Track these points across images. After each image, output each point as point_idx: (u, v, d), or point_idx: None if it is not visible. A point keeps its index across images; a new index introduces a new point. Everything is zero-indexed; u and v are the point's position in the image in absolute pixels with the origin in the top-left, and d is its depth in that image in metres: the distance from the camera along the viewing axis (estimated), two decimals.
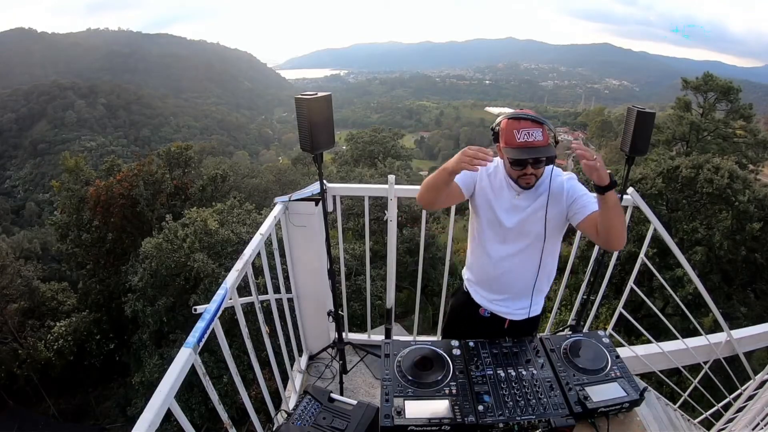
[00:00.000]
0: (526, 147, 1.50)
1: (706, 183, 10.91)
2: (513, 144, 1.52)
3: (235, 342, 2.63)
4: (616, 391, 1.64)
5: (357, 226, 14.56)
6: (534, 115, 1.52)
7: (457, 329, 1.95)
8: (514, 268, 1.74)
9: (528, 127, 1.49)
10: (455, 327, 2.00)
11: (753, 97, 34.01)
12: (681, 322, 6.32)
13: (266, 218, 2.03)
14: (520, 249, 1.71)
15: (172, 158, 14.85)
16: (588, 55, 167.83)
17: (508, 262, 1.73)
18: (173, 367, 1.15)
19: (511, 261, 1.73)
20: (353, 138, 24.42)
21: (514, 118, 1.53)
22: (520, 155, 1.52)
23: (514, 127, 1.50)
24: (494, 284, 1.80)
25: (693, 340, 2.68)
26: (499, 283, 1.79)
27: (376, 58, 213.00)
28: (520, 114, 1.53)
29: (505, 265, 1.74)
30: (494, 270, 1.76)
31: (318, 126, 1.85)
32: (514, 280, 1.76)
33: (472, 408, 1.53)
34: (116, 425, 13.09)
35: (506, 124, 1.54)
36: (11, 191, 48.73)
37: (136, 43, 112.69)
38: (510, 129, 1.52)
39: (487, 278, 1.81)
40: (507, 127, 1.53)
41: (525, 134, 1.49)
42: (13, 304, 13.22)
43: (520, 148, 1.51)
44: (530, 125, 1.49)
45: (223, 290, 1.46)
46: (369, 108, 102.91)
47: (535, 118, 1.51)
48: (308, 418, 1.67)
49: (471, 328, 1.87)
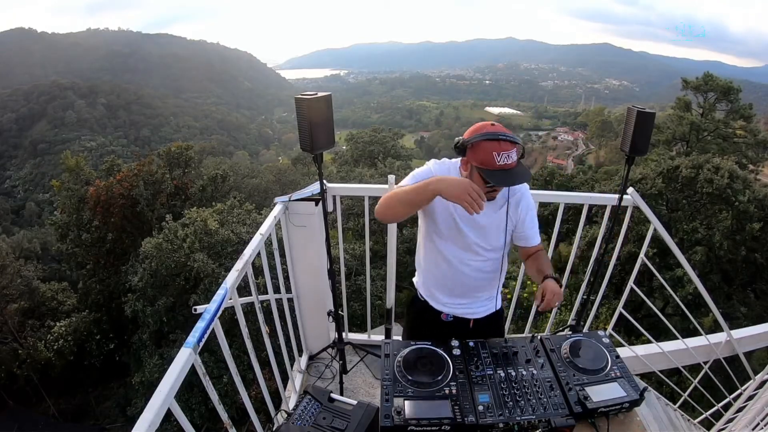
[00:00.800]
0: (505, 170, 1.45)
1: (706, 183, 10.92)
2: (492, 166, 1.45)
3: (235, 342, 2.63)
4: (616, 391, 1.64)
5: (357, 226, 14.56)
6: (511, 136, 1.46)
7: (420, 335, 1.88)
8: (476, 274, 1.74)
9: (507, 149, 1.44)
10: (418, 334, 1.93)
11: (753, 97, 34.02)
12: (681, 322, 6.33)
13: (266, 218, 2.03)
14: (483, 257, 1.72)
15: (172, 158, 14.85)
16: (588, 55, 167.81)
17: (469, 268, 1.73)
18: (173, 367, 1.14)
19: (472, 267, 1.73)
20: (353, 138, 24.43)
21: (493, 139, 1.45)
22: (501, 181, 1.47)
23: (495, 149, 1.43)
24: (456, 289, 1.79)
25: (693, 340, 2.68)
26: (462, 287, 1.78)
27: (376, 58, 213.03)
28: (500, 135, 1.45)
29: (466, 271, 1.73)
30: (455, 276, 1.75)
31: (318, 126, 1.85)
32: (475, 283, 1.77)
33: (472, 408, 1.53)
34: (116, 425, 13.09)
35: (485, 145, 1.45)
36: (11, 191, 48.75)
37: (136, 43, 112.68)
38: (489, 150, 1.44)
39: (448, 284, 1.79)
40: (485, 148, 1.45)
41: (504, 157, 1.44)
42: (13, 304, 13.23)
43: (500, 171, 1.45)
44: (508, 147, 1.44)
45: (223, 290, 1.46)
46: (369, 108, 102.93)
47: (512, 138, 1.46)
48: (308, 418, 1.67)
49: (435, 332, 1.83)
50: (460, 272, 1.73)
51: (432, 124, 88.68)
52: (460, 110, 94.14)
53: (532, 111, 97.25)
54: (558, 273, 1.93)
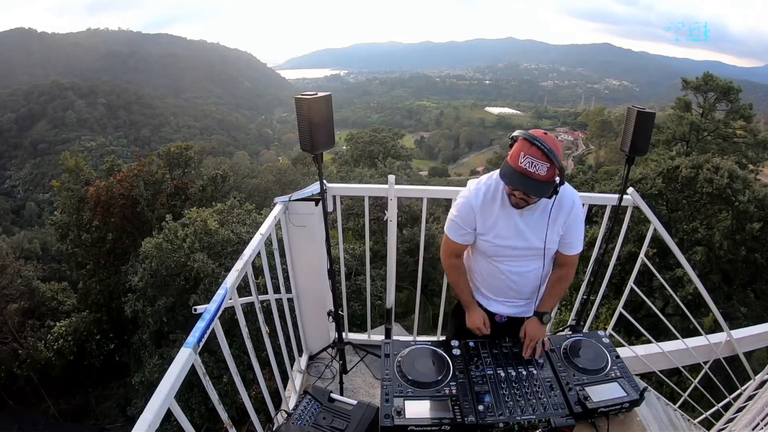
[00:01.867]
0: (522, 174, 1.46)
1: (706, 183, 10.91)
2: (514, 165, 1.47)
3: (235, 342, 2.63)
4: (616, 391, 1.65)
5: (357, 226, 14.56)
6: (548, 147, 1.42)
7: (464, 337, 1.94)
8: (523, 276, 1.79)
9: (535, 156, 1.43)
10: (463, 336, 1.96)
11: (753, 97, 34.03)
12: (681, 322, 6.33)
13: (266, 218, 2.03)
14: (528, 264, 1.76)
15: (172, 158, 14.84)
16: (588, 55, 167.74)
17: (517, 275, 1.78)
18: (173, 367, 1.14)
19: (520, 274, 1.77)
20: (353, 138, 24.43)
21: (528, 139, 1.45)
22: (513, 181, 1.49)
23: (523, 150, 1.45)
24: (504, 291, 1.84)
25: (693, 340, 2.68)
26: (510, 288, 1.83)
27: (376, 58, 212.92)
28: (536, 140, 1.44)
29: (514, 278, 1.78)
30: (506, 282, 1.80)
31: (318, 126, 1.85)
32: (524, 287, 1.81)
33: (472, 408, 1.53)
34: (116, 425, 13.08)
35: (520, 142, 1.48)
36: (11, 191, 48.75)
37: (136, 43, 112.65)
38: (519, 149, 1.46)
39: (501, 289, 1.84)
40: (518, 146, 1.47)
41: (528, 162, 1.43)
42: (13, 304, 13.23)
43: (517, 173, 1.47)
44: (538, 156, 1.42)
45: (223, 290, 1.46)
46: (369, 108, 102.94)
47: (547, 150, 1.42)
48: (308, 418, 1.67)
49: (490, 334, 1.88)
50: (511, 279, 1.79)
51: (432, 124, 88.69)
52: (460, 110, 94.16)
53: (532, 111, 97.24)
54: None
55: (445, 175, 58.90)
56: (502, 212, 1.67)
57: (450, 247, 1.81)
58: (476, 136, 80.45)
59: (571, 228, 1.71)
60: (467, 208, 1.69)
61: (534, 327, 1.78)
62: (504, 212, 1.67)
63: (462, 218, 1.71)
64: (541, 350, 1.78)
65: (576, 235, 1.74)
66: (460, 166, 69.85)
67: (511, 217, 1.67)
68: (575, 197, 1.71)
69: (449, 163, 71.40)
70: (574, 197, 1.70)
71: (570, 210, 1.68)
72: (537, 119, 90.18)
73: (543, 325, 1.79)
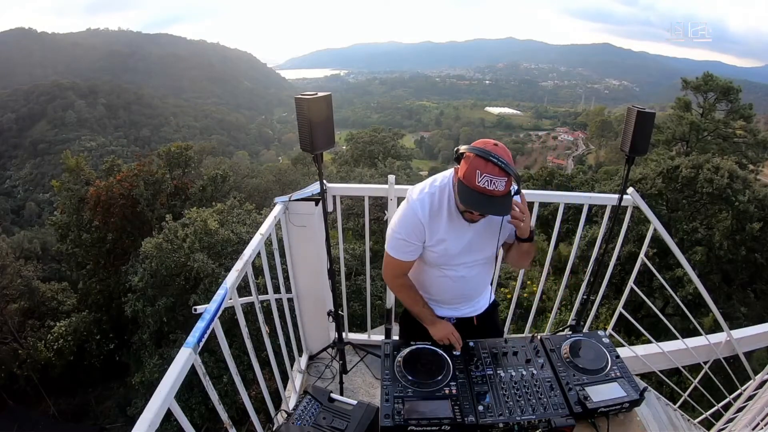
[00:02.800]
0: (482, 194, 1.36)
1: (706, 183, 10.92)
2: (471, 184, 1.37)
3: (235, 342, 2.63)
4: (616, 391, 1.64)
5: (357, 226, 14.55)
6: (504, 163, 1.34)
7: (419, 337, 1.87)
8: (473, 280, 1.77)
9: (493, 173, 1.34)
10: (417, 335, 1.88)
11: (753, 97, 33.94)
12: (681, 322, 6.33)
13: (266, 218, 2.03)
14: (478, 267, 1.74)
15: (172, 158, 14.84)
16: (588, 55, 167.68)
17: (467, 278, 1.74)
18: (173, 367, 1.15)
19: (470, 276, 1.74)
20: (353, 138, 24.43)
21: (482, 156, 1.35)
22: (473, 204, 1.40)
23: (479, 167, 1.35)
24: (456, 298, 1.82)
25: (693, 340, 2.69)
26: (462, 295, 1.81)
27: (376, 58, 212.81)
28: (492, 156, 1.34)
29: (463, 282, 1.75)
30: (455, 287, 1.76)
31: (318, 126, 1.85)
32: (474, 288, 1.80)
33: (472, 408, 1.53)
34: (116, 425, 13.07)
35: (474, 160, 1.37)
36: (11, 191, 48.74)
37: (136, 43, 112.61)
38: (474, 167, 1.36)
39: (449, 296, 1.81)
40: (472, 163, 1.37)
41: (487, 180, 1.34)
42: (13, 304, 13.23)
43: (476, 193, 1.37)
44: (497, 172, 1.34)
45: (223, 290, 1.46)
46: (369, 108, 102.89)
47: (504, 166, 1.34)
48: (308, 418, 1.67)
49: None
50: (459, 283, 1.75)
51: (432, 124, 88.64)
52: (460, 110, 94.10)
53: (532, 111, 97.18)
54: (558, 273, 1.94)
55: None
56: (450, 225, 1.59)
57: (397, 268, 1.69)
58: (476, 136, 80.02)
59: None
60: (414, 221, 1.57)
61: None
62: (452, 225, 1.59)
63: (409, 233, 1.59)
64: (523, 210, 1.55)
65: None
66: None
67: (460, 229, 1.59)
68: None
69: (449, 163, 71.22)
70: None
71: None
72: (537, 119, 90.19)
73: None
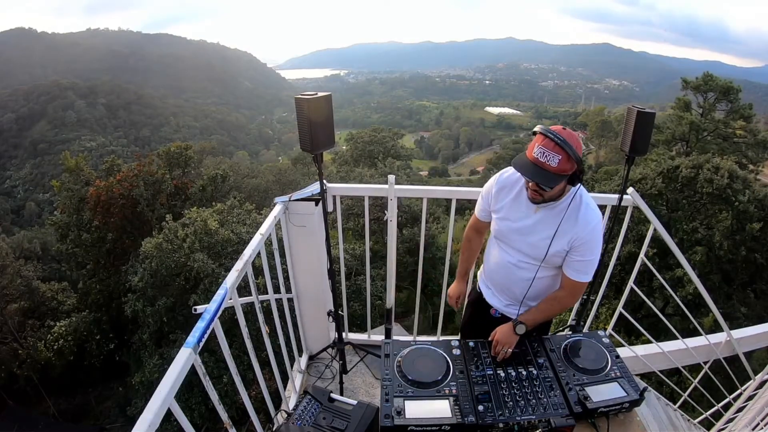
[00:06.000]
0: (533, 164, 1.49)
1: (706, 183, 10.91)
2: (528, 155, 1.52)
3: (235, 342, 2.63)
4: (616, 391, 1.64)
5: (357, 226, 14.56)
6: (561, 139, 1.44)
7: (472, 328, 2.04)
8: (514, 275, 1.78)
9: (548, 147, 1.46)
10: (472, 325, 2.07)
11: (753, 97, 33.97)
12: (681, 322, 6.32)
13: (266, 218, 2.03)
14: (522, 260, 1.75)
15: (172, 158, 14.83)
16: (588, 55, 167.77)
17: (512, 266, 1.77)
18: (173, 367, 1.15)
19: (512, 266, 1.77)
20: (353, 138, 24.43)
21: (544, 132, 1.49)
22: (522, 169, 1.52)
23: (537, 141, 1.49)
24: (502, 286, 1.86)
25: (693, 340, 2.69)
26: (505, 285, 1.84)
27: (376, 58, 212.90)
28: (550, 132, 1.47)
29: (508, 269, 1.79)
30: (501, 272, 1.82)
31: (318, 126, 1.85)
32: (514, 284, 1.80)
33: (472, 408, 1.53)
34: (116, 425, 13.06)
35: (537, 136, 1.52)
36: (11, 191, 48.72)
37: (136, 43, 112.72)
38: (535, 141, 1.51)
39: (497, 280, 1.87)
40: (535, 139, 1.52)
41: (540, 152, 1.47)
42: (13, 304, 13.22)
43: (529, 162, 1.50)
44: (551, 146, 1.46)
45: (223, 290, 1.46)
46: (369, 108, 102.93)
47: (560, 141, 1.44)
48: (308, 418, 1.67)
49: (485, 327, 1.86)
50: (504, 272, 1.81)
51: (432, 124, 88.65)
52: (460, 110, 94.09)
53: (532, 111, 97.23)
54: None
55: (445, 175, 58.88)
56: (513, 204, 1.73)
57: (473, 221, 1.99)
58: (476, 136, 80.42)
59: (581, 248, 1.62)
60: (489, 186, 1.83)
61: (504, 332, 1.71)
62: (515, 202, 1.73)
63: (484, 194, 1.86)
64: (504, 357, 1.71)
65: (585, 258, 1.64)
66: (460, 166, 69.82)
67: (521, 208, 1.71)
68: (596, 219, 1.63)
69: (449, 163, 71.34)
70: (595, 218, 1.62)
71: (585, 227, 1.60)
72: (537, 119, 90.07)
73: (515, 334, 1.71)
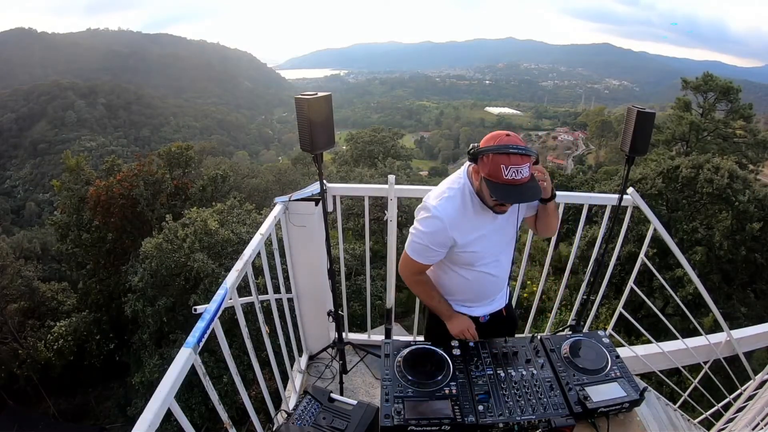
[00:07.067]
0: (512, 185, 1.41)
1: (706, 183, 10.92)
2: (499, 179, 1.41)
3: (235, 342, 2.62)
4: (616, 391, 1.64)
5: (357, 226, 14.56)
6: (523, 148, 1.40)
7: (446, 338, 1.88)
8: (503, 272, 1.80)
9: (517, 163, 1.39)
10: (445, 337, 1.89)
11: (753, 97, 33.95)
12: (681, 322, 6.33)
13: (266, 218, 2.03)
14: (504, 256, 1.77)
15: (172, 158, 14.83)
16: (588, 55, 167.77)
17: (497, 270, 1.78)
18: (173, 367, 1.15)
19: (499, 267, 1.78)
20: (353, 138, 24.45)
21: (503, 152, 1.40)
22: (507, 196, 1.45)
23: (503, 162, 1.39)
24: (490, 292, 1.85)
25: (693, 340, 2.69)
26: (495, 287, 1.84)
27: (376, 58, 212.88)
28: (510, 147, 1.39)
29: (495, 273, 1.78)
30: (489, 282, 1.79)
31: (318, 126, 1.85)
32: (503, 278, 1.83)
33: (472, 408, 1.53)
34: (116, 425, 13.07)
35: (494, 157, 1.41)
36: (11, 191, 48.71)
37: (136, 43, 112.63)
38: (498, 163, 1.40)
39: (483, 292, 1.84)
40: (494, 160, 1.41)
41: (513, 171, 1.39)
42: (13, 304, 13.22)
43: (507, 185, 1.41)
44: (519, 161, 1.39)
45: (223, 290, 1.46)
46: (369, 108, 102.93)
47: (524, 151, 1.40)
48: (308, 418, 1.67)
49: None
50: (484, 284, 1.79)
51: (432, 124, 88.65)
52: (460, 110, 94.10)
53: (532, 111, 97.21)
54: (558, 273, 1.95)
55: (445, 175, 58.53)
56: (476, 222, 1.62)
57: (415, 268, 1.72)
58: (476, 136, 79.84)
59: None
60: (438, 230, 1.58)
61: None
62: (477, 221, 1.62)
63: (433, 242, 1.61)
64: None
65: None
66: (460, 166, 69.57)
67: (484, 222, 1.63)
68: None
69: (449, 163, 71.36)
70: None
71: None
72: (537, 119, 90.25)
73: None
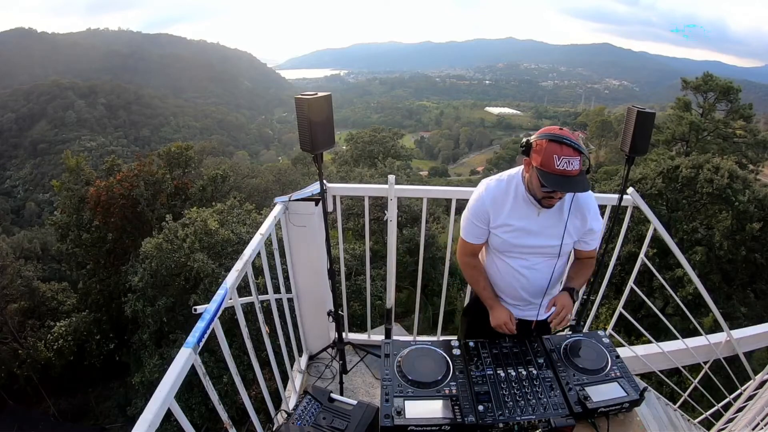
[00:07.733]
0: (563, 176, 1.46)
1: (706, 183, 10.92)
2: (551, 169, 1.46)
3: (235, 342, 2.63)
4: (616, 391, 1.64)
5: (357, 226, 14.55)
6: (576, 143, 1.46)
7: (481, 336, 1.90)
8: (534, 275, 1.78)
9: (569, 155, 1.44)
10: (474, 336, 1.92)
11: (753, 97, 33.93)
12: (681, 322, 6.32)
13: (266, 218, 2.03)
14: (540, 261, 1.76)
15: (172, 158, 14.83)
16: (588, 55, 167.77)
17: (528, 270, 1.77)
18: (173, 367, 1.15)
19: (531, 269, 1.77)
20: (353, 138, 24.44)
21: (556, 141, 1.45)
22: (557, 185, 1.48)
23: (555, 152, 1.45)
24: (520, 292, 1.83)
25: (693, 340, 2.69)
26: (524, 289, 1.82)
27: (376, 58, 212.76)
28: (564, 138, 1.46)
29: (525, 273, 1.77)
30: (518, 279, 1.79)
31: (318, 126, 1.85)
32: (536, 282, 1.80)
33: (472, 408, 1.53)
34: (116, 425, 13.08)
35: (547, 146, 1.47)
36: (11, 191, 48.70)
37: (136, 43, 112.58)
38: (550, 152, 1.45)
39: (512, 288, 1.83)
40: (547, 149, 1.46)
41: (565, 162, 1.44)
42: (13, 304, 13.23)
43: (557, 175, 1.46)
44: (571, 153, 1.44)
45: (223, 290, 1.46)
46: (369, 108, 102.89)
47: (577, 146, 1.45)
48: (308, 418, 1.67)
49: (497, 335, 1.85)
50: (517, 280, 1.78)
51: (432, 124, 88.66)
52: (460, 110, 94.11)
53: (532, 111, 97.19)
54: None
55: (445, 175, 58.85)
56: (515, 210, 1.68)
57: (465, 248, 1.83)
58: (476, 136, 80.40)
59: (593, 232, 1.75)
60: (479, 202, 1.72)
61: (565, 298, 1.75)
62: (517, 210, 1.68)
63: (474, 214, 1.73)
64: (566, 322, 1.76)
65: (596, 234, 1.77)
66: (460, 166, 69.83)
67: (526, 215, 1.68)
68: (593, 200, 1.73)
69: (449, 163, 71.40)
70: (593, 201, 1.73)
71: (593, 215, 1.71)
72: (537, 119, 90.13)
73: (572, 300, 1.77)
